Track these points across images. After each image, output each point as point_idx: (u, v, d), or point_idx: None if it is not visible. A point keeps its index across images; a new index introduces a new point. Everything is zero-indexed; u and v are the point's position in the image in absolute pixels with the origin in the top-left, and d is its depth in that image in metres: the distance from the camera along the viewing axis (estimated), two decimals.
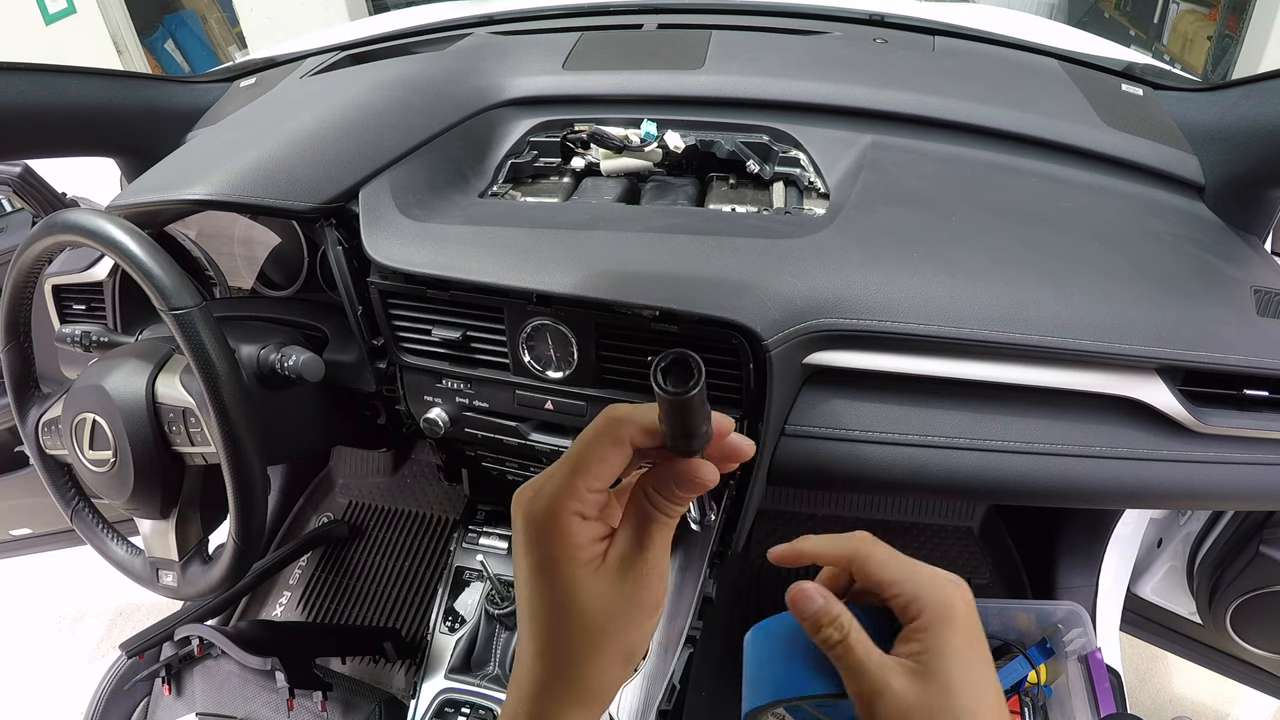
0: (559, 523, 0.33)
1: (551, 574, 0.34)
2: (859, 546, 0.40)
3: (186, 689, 1.12)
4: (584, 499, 0.34)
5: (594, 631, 0.34)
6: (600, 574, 0.34)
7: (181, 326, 0.71)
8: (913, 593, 0.37)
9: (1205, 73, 3.63)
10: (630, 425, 0.34)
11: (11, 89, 0.90)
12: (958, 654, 0.35)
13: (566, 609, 0.34)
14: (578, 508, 0.34)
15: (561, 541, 0.33)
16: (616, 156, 0.94)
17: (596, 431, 0.34)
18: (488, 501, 1.15)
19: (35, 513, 1.48)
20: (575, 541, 0.33)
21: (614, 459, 0.34)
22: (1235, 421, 0.72)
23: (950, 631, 0.36)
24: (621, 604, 0.34)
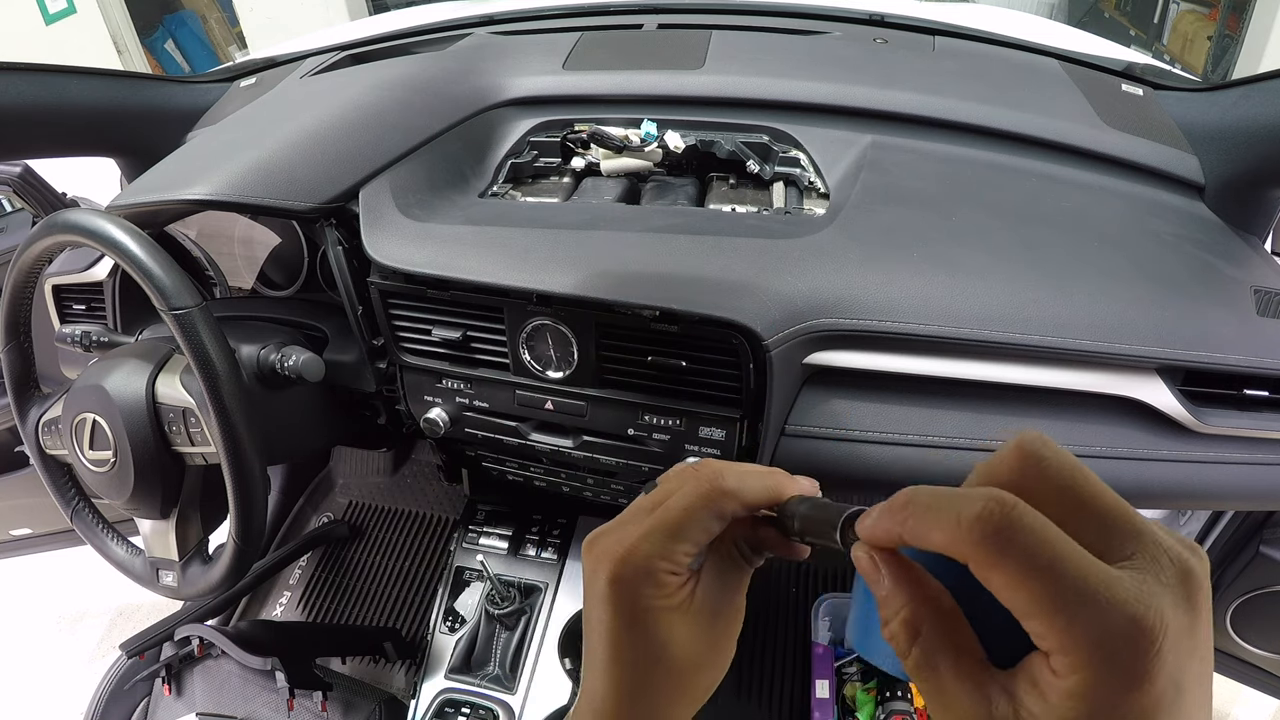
0: (654, 582, 0.33)
1: (644, 623, 0.33)
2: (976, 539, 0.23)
3: (186, 689, 1.12)
4: (678, 562, 0.33)
5: (685, 674, 0.33)
6: (690, 617, 0.33)
7: (181, 326, 0.71)
8: (1058, 637, 0.22)
9: (1205, 73, 3.63)
10: (735, 501, 0.33)
11: (11, 89, 0.90)
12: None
13: (660, 655, 0.33)
14: (671, 569, 0.33)
15: (654, 601, 0.33)
16: (616, 156, 0.94)
17: (700, 500, 0.33)
18: (488, 501, 1.15)
19: (35, 513, 1.48)
20: (667, 594, 0.33)
21: (715, 530, 0.33)
22: (1235, 421, 0.72)
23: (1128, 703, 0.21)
24: (710, 646, 0.34)
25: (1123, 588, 0.21)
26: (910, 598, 0.26)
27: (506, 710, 0.97)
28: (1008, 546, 0.22)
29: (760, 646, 1.31)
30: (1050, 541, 0.22)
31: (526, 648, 1.01)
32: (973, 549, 0.23)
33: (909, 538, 0.25)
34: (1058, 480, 0.24)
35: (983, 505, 0.23)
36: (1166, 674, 0.21)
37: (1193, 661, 0.22)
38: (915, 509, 0.25)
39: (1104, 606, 0.21)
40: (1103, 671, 0.21)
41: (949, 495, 0.24)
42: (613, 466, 0.85)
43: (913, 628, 0.25)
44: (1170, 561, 0.22)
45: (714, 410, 0.75)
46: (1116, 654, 0.21)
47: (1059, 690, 0.22)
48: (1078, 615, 0.21)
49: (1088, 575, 0.21)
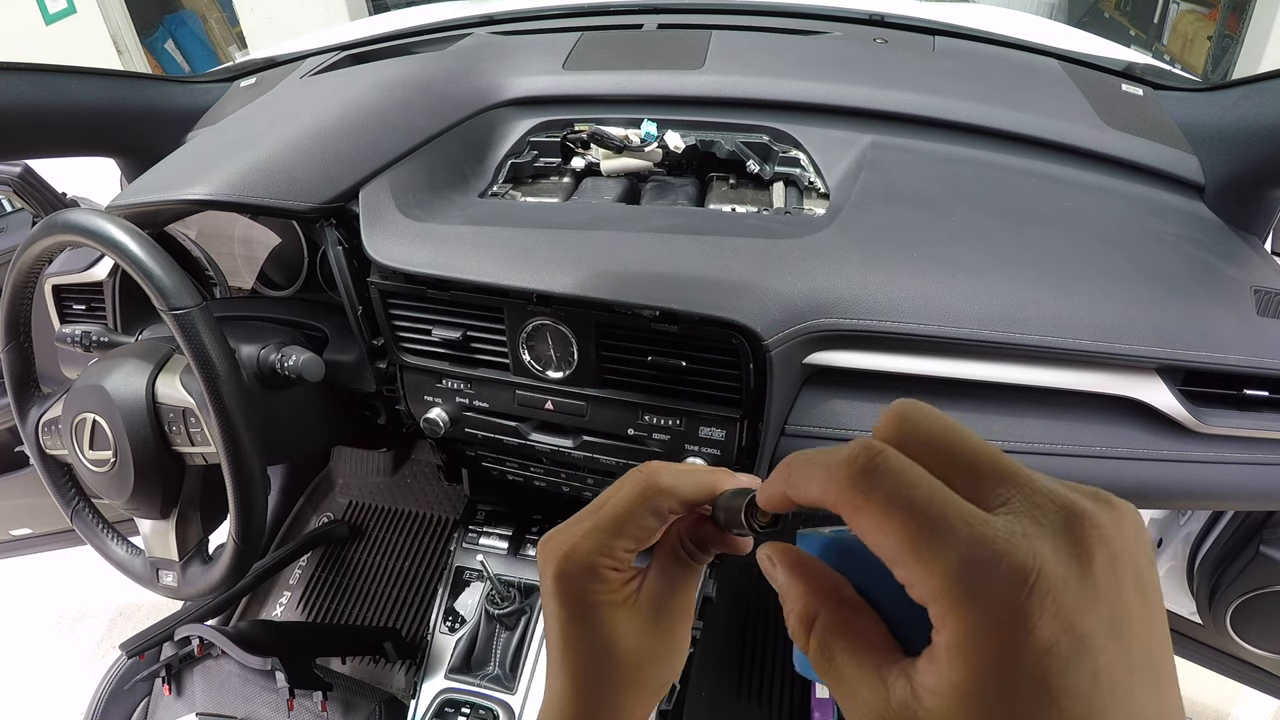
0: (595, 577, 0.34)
1: (589, 617, 0.34)
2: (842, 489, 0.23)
3: (186, 689, 1.12)
4: (619, 558, 0.34)
5: (633, 668, 0.34)
6: (636, 612, 0.34)
7: (181, 326, 0.71)
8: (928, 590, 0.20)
9: (1205, 73, 3.63)
10: (671, 498, 0.33)
11: (11, 89, 0.90)
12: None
13: (607, 649, 0.34)
14: (611, 564, 0.34)
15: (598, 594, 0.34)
16: (616, 156, 0.94)
17: (637, 498, 0.33)
18: (488, 501, 1.15)
19: (35, 513, 1.48)
20: (610, 589, 0.34)
21: (652, 526, 0.34)
22: (1235, 421, 0.72)
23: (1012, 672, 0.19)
24: (657, 641, 0.35)
25: (991, 526, 0.20)
26: (805, 589, 0.26)
27: (506, 710, 0.97)
28: (872, 488, 0.22)
29: (760, 646, 1.31)
30: (914, 482, 0.21)
31: (526, 648, 1.01)
32: (840, 493, 0.23)
33: (792, 494, 0.26)
34: (929, 436, 0.23)
35: (850, 451, 0.23)
36: (1051, 620, 0.19)
37: (1095, 611, 0.19)
38: (795, 465, 0.26)
39: (967, 544, 0.20)
40: (974, 617, 0.19)
41: (827, 450, 0.24)
42: (613, 466, 0.85)
43: (807, 619, 0.25)
44: (1054, 504, 0.21)
45: (714, 410, 0.75)
46: (985, 596, 0.19)
47: (942, 648, 0.20)
48: (940, 554, 0.20)
49: (950, 513, 0.20)
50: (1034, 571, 0.19)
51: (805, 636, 0.25)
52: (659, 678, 0.35)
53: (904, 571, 0.21)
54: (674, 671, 0.36)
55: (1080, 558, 0.20)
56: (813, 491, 0.24)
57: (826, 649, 0.24)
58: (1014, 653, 0.19)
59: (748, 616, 1.36)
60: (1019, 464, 0.22)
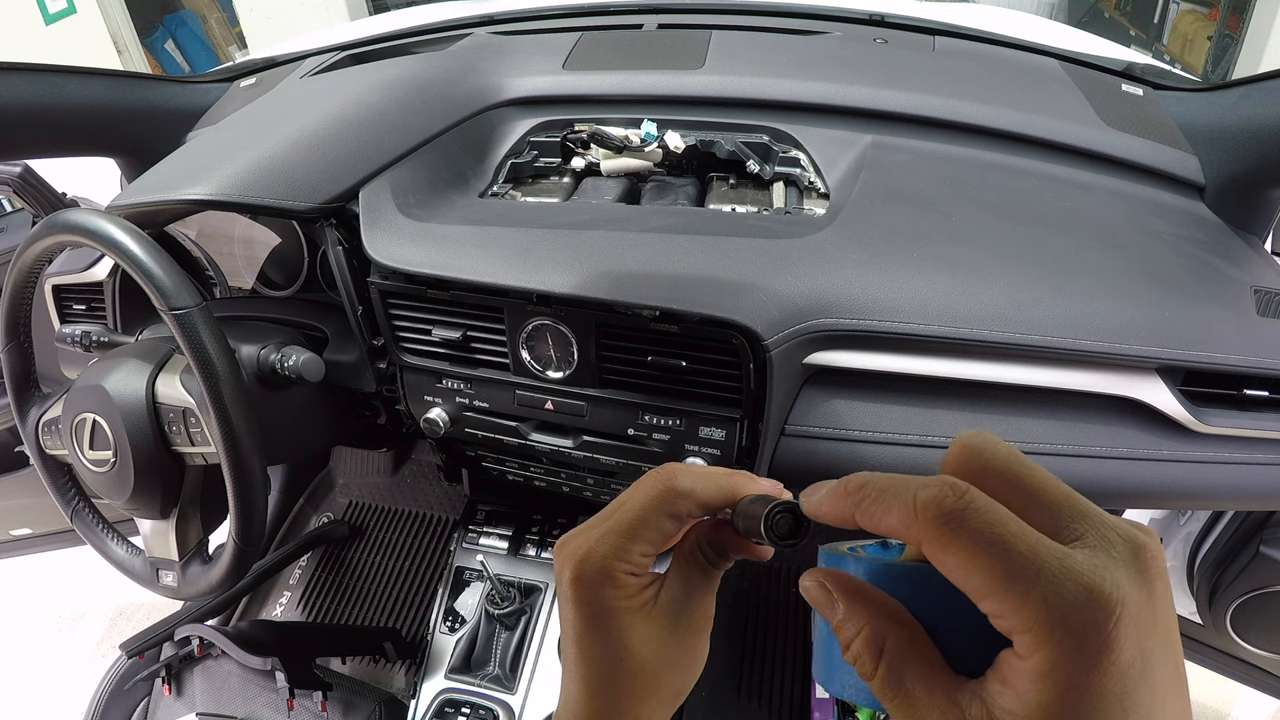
0: (612, 582, 0.33)
1: (606, 623, 0.33)
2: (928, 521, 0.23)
3: (186, 689, 1.12)
4: (636, 562, 0.33)
5: (649, 675, 0.34)
6: (653, 619, 0.34)
7: (181, 326, 0.71)
8: (1017, 618, 0.22)
9: (1205, 73, 3.63)
10: (689, 501, 0.33)
11: (11, 89, 0.90)
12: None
13: (622, 656, 0.33)
14: (629, 569, 0.33)
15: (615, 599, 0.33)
16: (616, 156, 0.94)
17: (654, 501, 0.33)
18: (488, 501, 1.15)
19: (35, 513, 1.48)
20: (628, 594, 0.33)
21: (669, 529, 0.33)
22: (1235, 421, 0.72)
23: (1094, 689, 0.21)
24: (675, 648, 0.34)
25: (1075, 560, 0.21)
26: (870, 615, 0.26)
27: (506, 710, 0.97)
28: (961, 527, 0.22)
29: (760, 646, 1.31)
30: (1002, 521, 0.22)
31: (526, 648, 1.01)
32: (926, 529, 0.23)
33: (862, 519, 0.25)
34: (1003, 472, 0.24)
35: (938, 489, 0.23)
36: (1130, 645, 0.21)
37: (1156, 634, 0.22)
38: (871, 491, 0.25)
39: (1058, 578, 0.21)
40: (1065, 645, 0.21)
41: (904, 480, 0.25)
42: (613, 466, 0.85)
43: (875, 645, 0.25)
44: (1120, 538, 0.22)
45: (714, 410, 0.75)
46: (1076, 625, 0.21)
47: (1026, 674, 0.22)
48: (1033, 589, 0.21)
49: (1039, 550, 0.22)
50: (1119, 602, 0.21)
51: (875, 662, 0.25)
52: (675, 685, 0.35)
53: (993, 604, 0.22)
54: (691, 679, 0.36)
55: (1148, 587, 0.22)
56: (891, 522, 0.24)
57: (897, 675, 0.25)
58: (1100, 675, 0.21)
59: (748, 616, 1.36)
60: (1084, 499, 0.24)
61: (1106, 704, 0.21)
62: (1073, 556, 0.22)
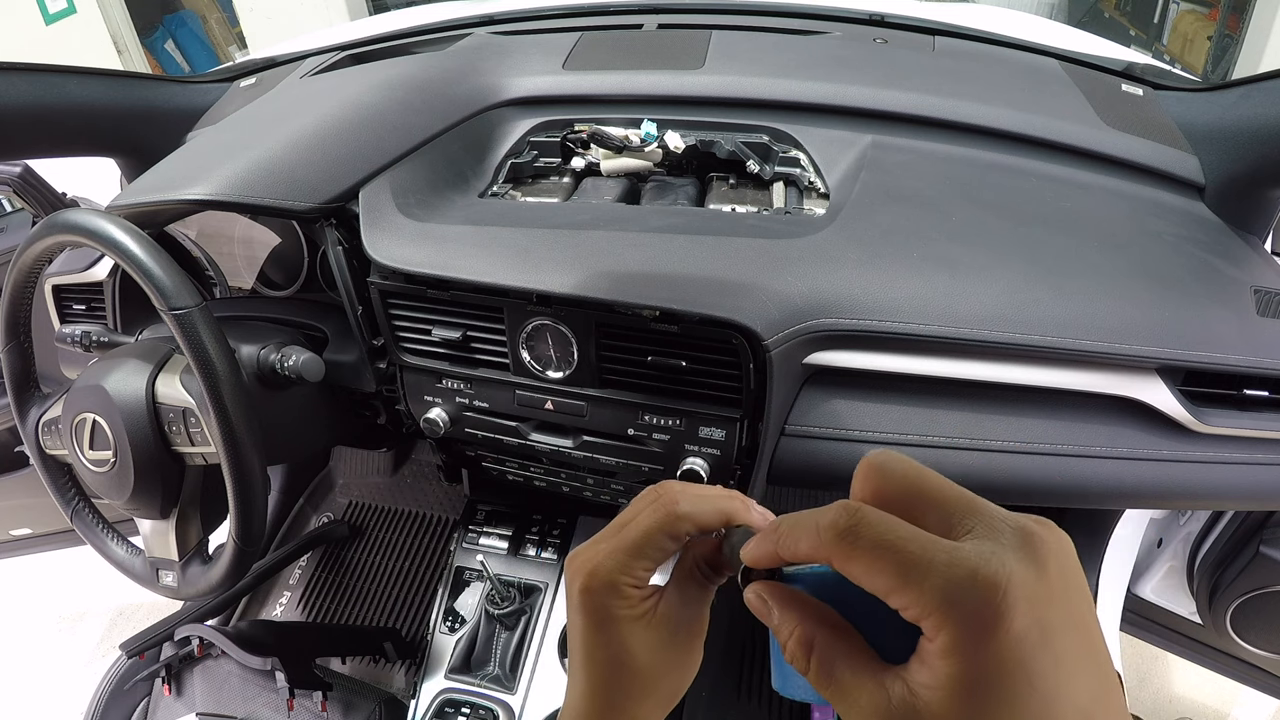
0: (617, 594, 0.36)
1: (610, 630, 0.36)
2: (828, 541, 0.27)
3: (186, 689, 1.12)
4: (639, 576, 0.37)
5: (648, 677, 0.37)
6: (653, 627, 0.37)
7: (181, 326, 0.71)
8: (916, 604, 0.25)
9: (1205, 73, 3.63)
10: (689, 523, 0.36)
11: (11, 89, 0.90)
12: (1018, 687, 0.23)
13: (624, 660, 0.37)
14: (632, 582, 0.36)
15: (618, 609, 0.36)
16: (616, 156, 0.94)
17: (658, 524, 0.36)
18: (488, 501, 1.15)
19: (35, 513, 1.48)
20: (630, 604, 0.37)
21: (669, 548, 0.37)
22: (1235, 421, 0.72)
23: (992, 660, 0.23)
24: (671, 655, 0.38)
25: (963, 550, 0.24)
26: (800, 618, 0.29)
27: (506, 710, 0.97)
28: (857, 539, 0.26)
29: (760, 647, 1.31)
30: (892, 528, 0.26)
31: (526, 648, 1.01)
32: (830, 548, 0.27)
33: (783, 553, 0.30)
34: (900, 483, 0.28)
35: (835, 513, 0.27)
36: (1021, 616, 0.23)
37: (1052, 607, 0.24)
38: (784, 528, 0.30)
39: (948, 567, 0.24)
40: (962, 622, 0.24)
41: (810, 512, 0.29)
42: (613, 466, 0.85)
43: (806, 642, 0.29)
44: (1010, 527, 0.25)
45: (714, 410, 0.75)
46: (968, 603, 0.24)
47: (935, 652, 0.24)
48: (926, 579, 0.24)
49: (928, 546, 0.25)
50: (1005, 578, 0.24)
51: (806, 658, 0.29)
52: (672, 688, 0.38)
53: (898, 599, 0.25)
54: (686, 681, 0.39)
55: (1037, 565, 0.24)
56: (803, 549, 0.28)
57: (828, 666, 0.28)
58: (997, 643, 0.23)
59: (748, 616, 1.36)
60: (976, 496, 0.27)
61: (1008, 670, 0.23)
62: (961, 548, 0.25)
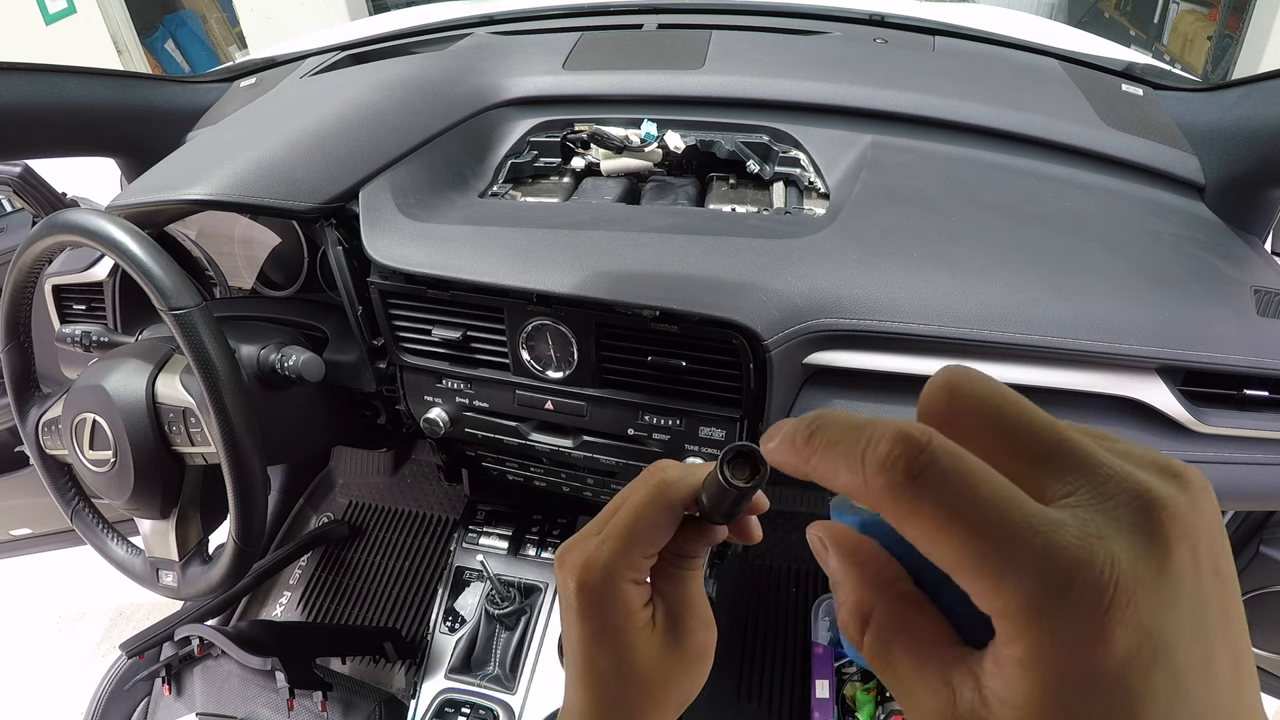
0: (617, 592, 0.33)
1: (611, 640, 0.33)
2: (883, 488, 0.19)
3: (186, 689, 1.12)
4: (638, 566, 0.33)
5: (653, 687, 0.34)
6: (654, 635, 0.34)
7: (181, 326, 0.71)
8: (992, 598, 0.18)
9: (1205, 73, 3.63)
10: (681, 488, 0.33)
11: (11, 89, 0.90)
12: None
13: (627, 673, 0.34)
14: (633, 575, 0.33)
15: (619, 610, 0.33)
16: (616, 156, 0.94)
17: (648, 496, 0.33)
18: (488, 501, 1.15)
19: (35, 513, 1.48)
20: (631, 609, 0.33)
21: (666, 525, 0.33)
22: (1235, 421, 0.72)
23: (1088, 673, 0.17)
24: (676, 659, 0.35)
25: (1061, 531, 0.18)
26: (860, 580, 0.22)
27: (506, 710, 0.97)
28: (919, 493, 0.19)
29: (760, 646, 1.31)
30: (970, 483, 0.18)
31: (526, 648, 1.01)
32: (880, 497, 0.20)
33: (814, 476, 0.22)
34: (983, 411, 0.20)
35: (889, 446, 0.19)
36: (1130, 632, 0.17)
37: (1176, 612, 0.17)
38: (818, 443, 0.21)
39: (1038, 555, 0.17)
40: (1049, 634, 0.17)
41: (858, 428, 0.21)
42: (613, 466, 0.85)
43: (862, 613, 0.22)
44: (1126, 492, 0.18)
45: (714, 410, 0.75)
46: (1060, 613, 0.17)
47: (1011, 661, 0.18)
48: (1007, 569, 0.18)
49: (1015, 519, 0.18)
50: (1112, 582, 0.17)
51: (860, 633, 0.22)
52: (679, 696, 0.36)
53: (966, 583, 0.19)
54: (694, 689, 0.36)
55: (1159, 555, 0.18)
56: (843, 481, 0.21)
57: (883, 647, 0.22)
58: (1092, 666, 0.17)
59: (748, 616, 1.36)
60: (1082, 440, 0.20)
61: (1105, 697, 0.17)
62: (1058, 527, 0.18)
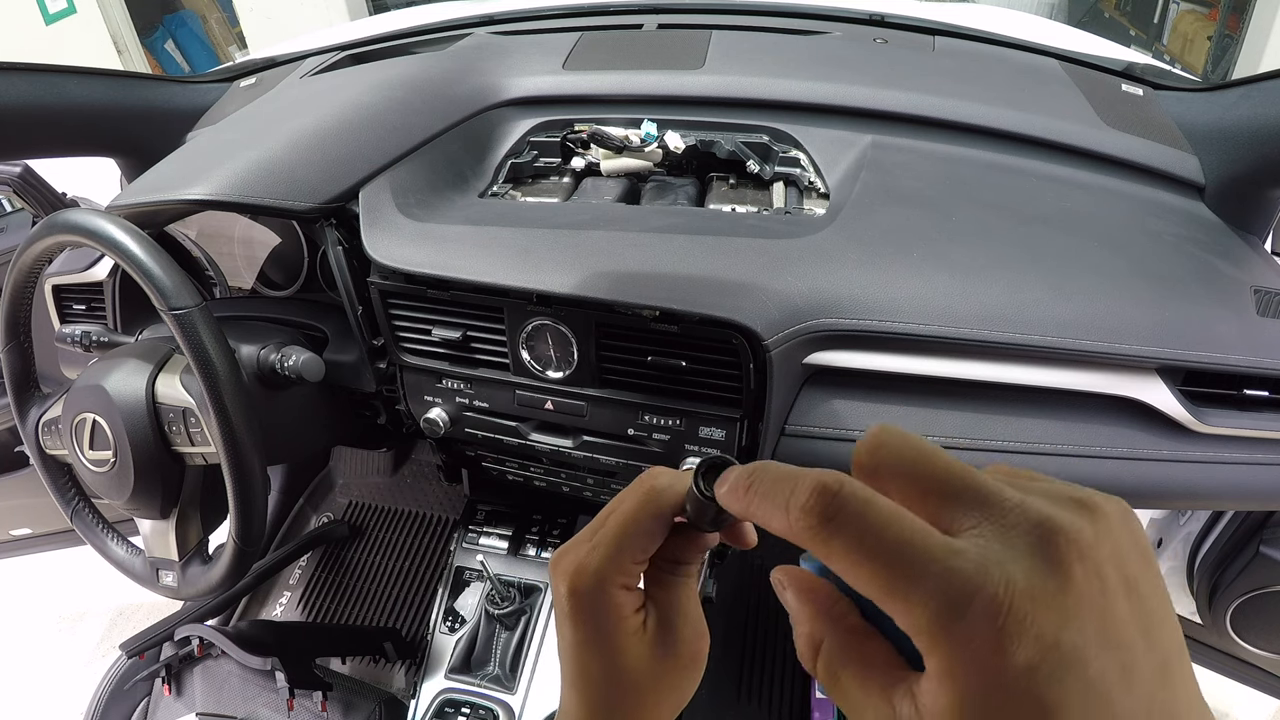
0: (608, 598, 0.33)
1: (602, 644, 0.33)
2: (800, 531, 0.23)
3: (186, 689, 1.12)
4: (629, 571, 0.33)
5: (644, 693, 0.34)
6: (645, 641, 0.34)
7: (181, 326, 0.71)
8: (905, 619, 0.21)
9: (1205, 73, 3.63)
10: (671, 495, 0.33)
11: (11, 89, 0.90)
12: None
13: (619, 677, 0.34)
14: (624, 581, 0.33)
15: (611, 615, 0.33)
16: (616, 157, 0.94)
17: (640, 501, 0.33)
18: (488, 501, 1.15)
19: (35, 513, 1.48)
20: (622, 614, 0.33)
21: (657, 532, 0.33)
22: (1235, 421, 0.72)
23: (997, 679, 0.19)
24: (668, 665, 0.35)
25: (959, 557, 0.20)
26: (812, 613, 0.26)
27: (506, 710, 0.97)
28: (835, 532, 0.22)
29: (760, 646, 1.31)
30: (879, 522, 0.21)
31: (526, 648, 1.01)
32: (802, 534, 0.22)
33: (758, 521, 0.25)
34: (899, 461, 0.23)
35: (807, 494, 0.22)
36: (1032, 641, 0.19)
37: (1079, 623, 0.19)
38: (756, 490, 0.25)
39: (938, 578, 0.20)
40: (954, 648, 0.19)
41: (785, 478, 0.24)
42: (613, 466, 0.85)
43: (813, 643, 0.25)
44: (1025, 522, 0.20)
45: (714, 410, 0.75)
46: (961, 627, 0.19)
47: (932, 676, 0.20)
48: (913, 592, 0.20)
49: (918, 549, 0.20)
50: (1006, 599, 0.19)
51: (812, 660, 0.25)
52: (670, 701, 0.35)
53: (887, 608, 0.21)
54: (686, 695, 0.36)
55: (1057, 574, 0.20)
56: (775, 524, 0.24)
57: (832, 672, 0.24)
58: (998, 677, 0.19)
59: (748, 616, 1.36)
60: (991, 481, 0.22)
61: (1019, 703, 0.19)
62: (960, 553, 0.20)
